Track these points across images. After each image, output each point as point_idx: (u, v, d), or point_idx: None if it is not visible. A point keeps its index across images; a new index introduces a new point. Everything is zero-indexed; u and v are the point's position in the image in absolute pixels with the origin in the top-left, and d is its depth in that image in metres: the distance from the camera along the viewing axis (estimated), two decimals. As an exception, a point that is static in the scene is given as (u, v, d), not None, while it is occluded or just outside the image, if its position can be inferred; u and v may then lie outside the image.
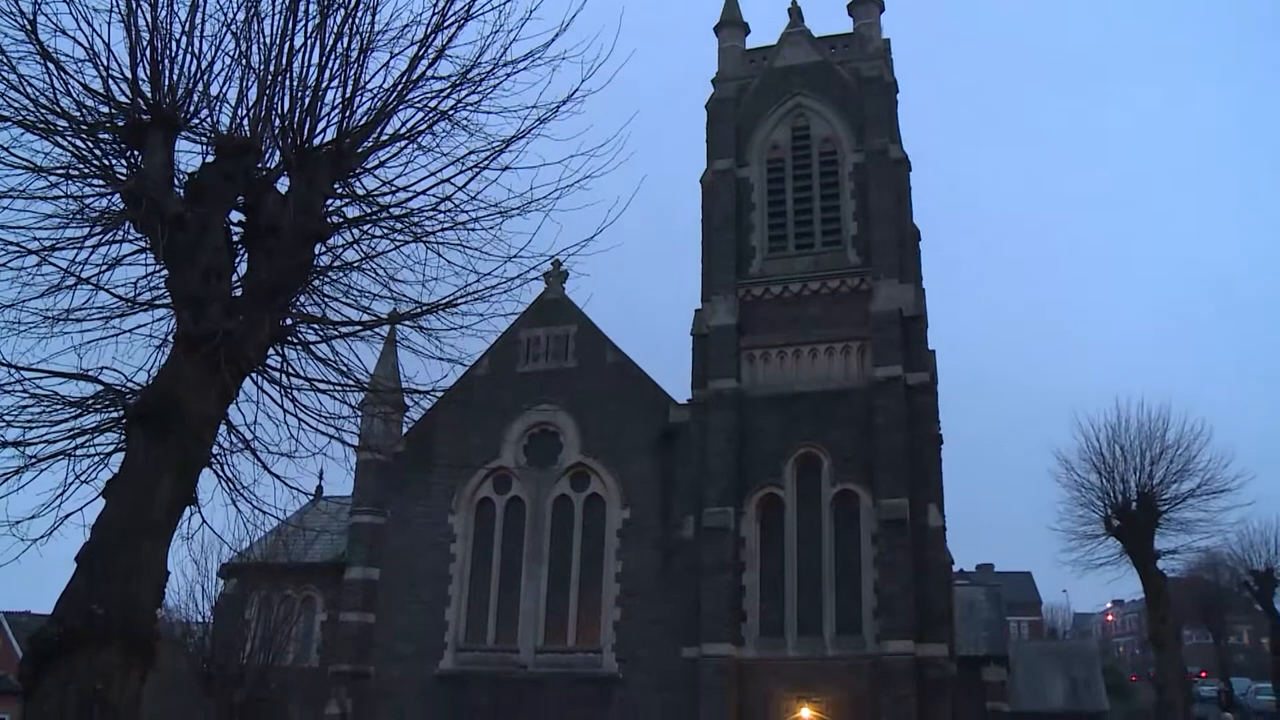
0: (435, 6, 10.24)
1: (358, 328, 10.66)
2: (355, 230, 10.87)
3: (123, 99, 9.81)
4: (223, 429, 9.89)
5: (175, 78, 9.89)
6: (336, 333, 10.62)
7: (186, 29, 9.76)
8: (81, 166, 9.93)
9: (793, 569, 31.31)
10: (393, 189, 10.79)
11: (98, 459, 9.70)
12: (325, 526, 35.62)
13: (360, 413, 12.20)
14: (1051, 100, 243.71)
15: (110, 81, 9.72)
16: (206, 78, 10.10)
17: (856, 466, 31.15)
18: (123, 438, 9.34)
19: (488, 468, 35.45)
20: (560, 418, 35.24)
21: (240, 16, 10.02)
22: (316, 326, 10.59)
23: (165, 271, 9.64)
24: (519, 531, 34.94)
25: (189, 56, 9.88)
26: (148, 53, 9.71)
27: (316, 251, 10.36)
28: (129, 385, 9.47)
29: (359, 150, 10.54)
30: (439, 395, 12.01)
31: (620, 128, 10.84)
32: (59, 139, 9.75)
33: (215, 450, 9.82)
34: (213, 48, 10.03)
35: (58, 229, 9.97)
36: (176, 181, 9.90)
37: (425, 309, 10.74)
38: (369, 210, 10.87)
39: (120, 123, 9.88)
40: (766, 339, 33.09)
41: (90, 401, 9.48)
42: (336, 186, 10.59)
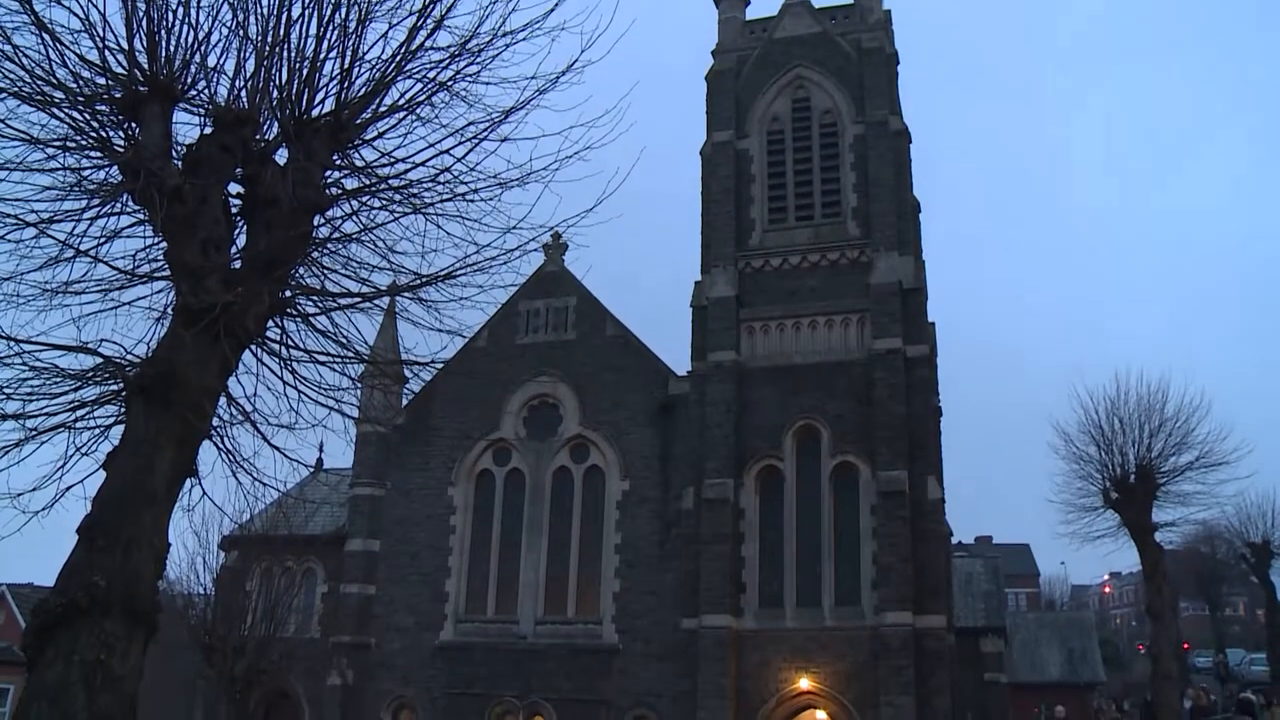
0: (434, -24, 10.17)
1: (357, 299, 10.64)
2: (354, 202, 10.84)
3: (119, 70, 9.75)
4: (222, 401, 9.89)
5: (172, 49, 9.82)
6: (336, 305, 10.59)
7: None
8: (78, 138, 9.88)
9: (792, 540, 31.42)
10: (391, 160, 10.75)
11: (98, 431, 9.71)
12: (326, 498, 35.75)
13: (360, 385, 12.20)
14: (1057, 68, 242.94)
15: (106, 53, 9.65)
16: (203, 49, 10.04)
17: (856, 438, 31.22)
18: (123, 410, 9.34)
19: (487, 440, 35.55)
20: (560, 390, 35.28)
21: (237, -13, 9.95)
22: (316, 298, 10.57)
23: (164, 244, 9.61)
24: (519, 503, 35.05)
25: (185, 27, 9.82)
26: (144, 23, 9.64)
27: (315, 223, 10.33)
28: (129, 358, 9.46)
29: (357, 122, 10.50)
30: (439, 367, 12.00)
31: (620, 99, 10.80)
32: (55, 111, 9.70)
33: (215, 422, 9.83)
34: (209, 18, 9.97)
35: (55, 201, 9.94)
36: (174, 153, 9.86)
37: (424, 280, 10.71)
38: (368, 182, 10.83)
39: (117, 94, 9.83)
40: (766, 311, 33.08)
41: (90, 374, 9.47)
42: (335, 158, 10.55)
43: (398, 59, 10.30)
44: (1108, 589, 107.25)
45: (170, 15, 9.71)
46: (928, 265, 34.87)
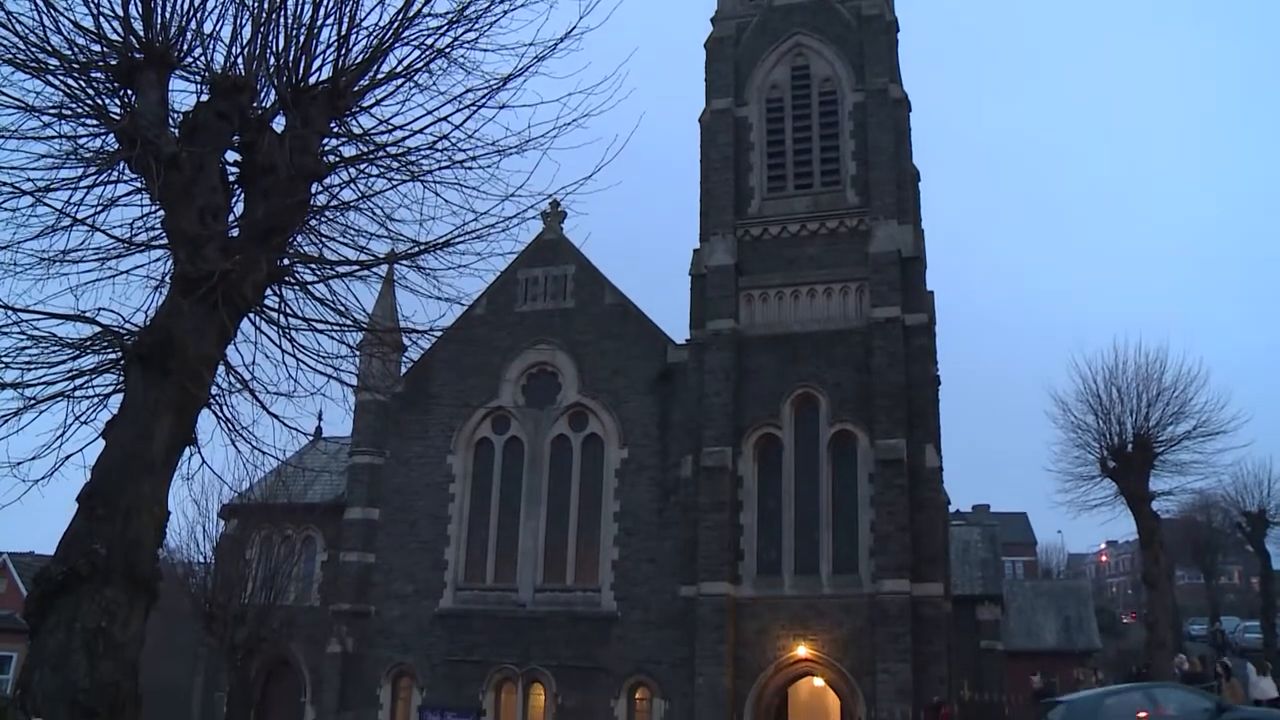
0: (431, -59, 10.09)
1: (355, 267, 10.62)
2: (352, 169, 10.79)
3: (114, 37, 9.67)
4: (221, 369, 9.89)
5: (168, 15, 9.75)
6: (334, 272, 10.57)
7: (178, -36, 9.61)
8: (74, 106, 9.82)
9: (790, 508, 31.53)
10: (389, 128, 10.70)
11: (97, 400, 9.72)
12: (325, 467, 35.79)
13: (358, 353, 12.20)
14: (1060, 36, 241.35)
15: (101, 19, 9.57)
16: (199, 15, 9.95)
17: (854, 407, 31.27)
18: (121, 379, 9.35)
19: (486, 408, 35.60)
20: (559, 358, 35.29)
21: (233, -49, 9.87)
22: (314, 266, 10.55)
23: (161, 212, 9.58)
24: (518, 471, 35.14)
25: (181, -7, 9.74)
26: (139, -12, 9.57)
27: (313, 191, 10.28)
28: (127, 326, 9.45)
29: (355, 89, 10.43)
30: (437, 335, 11.99)
31: (619, 65, 10.73)
32: (50, 78, 9.63)
33: (214, 391, 9.83)
34: (205, -17, 9.88)
35: (52, 169, 9.87)
36: (171, 121, 9.81)
37: (423, 248, 10.68)
38: (366, 149, 10.78)
39: (112, 61, 9.76)
40: (765, 279, 33.04)
41: (88, 343, 9.46)
42: (333, 125, 10.49)
43: (395, 25, 10.22)
44: (1104, 557, 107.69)
45: (166, -20, 9.63)
46: (927, 234, 34.84)
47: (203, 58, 10.16)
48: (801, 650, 29.91)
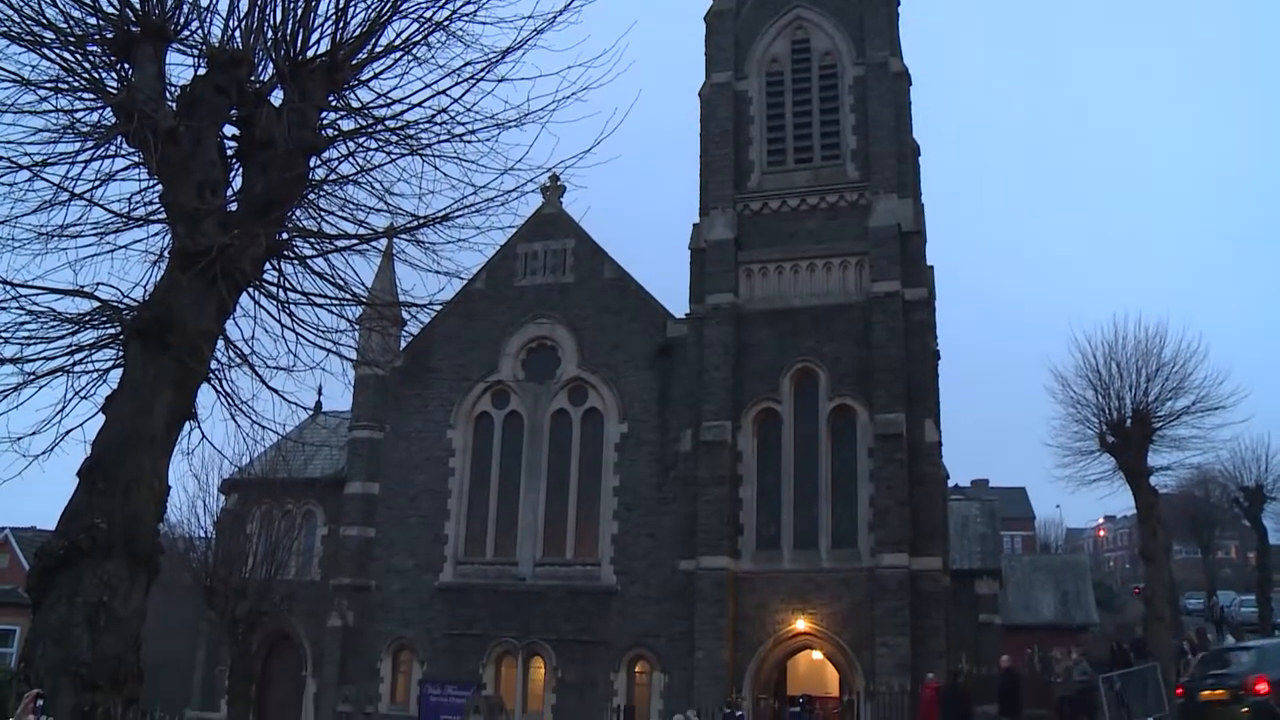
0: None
1: (354, 241, 10.59)
2: (350, 143, 10.75)
3: (110, 10, 9.63)
4: (220, 344, 9.89)
5: (164, -13, 9.70)
6: (333, 247, 10.55)
7: (174, -64, 9.55)
8: (70, 80, 9.78)
9: (789, 483, 31.59)
10: (388, 101, 10.66)
11: (96, 375, 9.73)
12: (325, 441, 35.93)
13: (358, 327, 12.21)
14: (1062, 5, 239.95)
15: (98, -9, 9.53)
16: (196, -13, 9.90)
17: (853, 381, 31.28)
18: (121, 353, 9.35)
19: (486, 382, 35.56)
20: (558, 332, 35.27)
21: (229, -77, 9.80)
22: (313, 240, 10.53)
23: (159, 186, 9.56)
24: (517, 445, 35.17)
25: (177, -35, 9.68)
26: (135, -39, 9.51)
27: (311, 165, 10.26)
28: (126, 301, 9.45)
29: (353, 62, 10.39)
30: (436, 309, 11.99)
31: (618, 38, 10.68)
32: (46, 51, 9.59)
33: (213, 365, 9.84)
34: (201, -44, 9.83)
35: (49, 144, 9.85)
36: (168, 95, 9.77)
37: (422, 222, 10.65)
38: (364, 123, 10.75)
39: (109, 34, 9.72)
40: (764, 254, 33.00)
41: (87, 318, 9.46)
42: (331, 99, 10.45)
43: (393, -2, 10.17)
44: (1102, 532, 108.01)
45: (161, -47, 9.58)
46: (927, 208, 34.77)
47: (200, 31, 10.14)
48: (800, 624, 30.03)
